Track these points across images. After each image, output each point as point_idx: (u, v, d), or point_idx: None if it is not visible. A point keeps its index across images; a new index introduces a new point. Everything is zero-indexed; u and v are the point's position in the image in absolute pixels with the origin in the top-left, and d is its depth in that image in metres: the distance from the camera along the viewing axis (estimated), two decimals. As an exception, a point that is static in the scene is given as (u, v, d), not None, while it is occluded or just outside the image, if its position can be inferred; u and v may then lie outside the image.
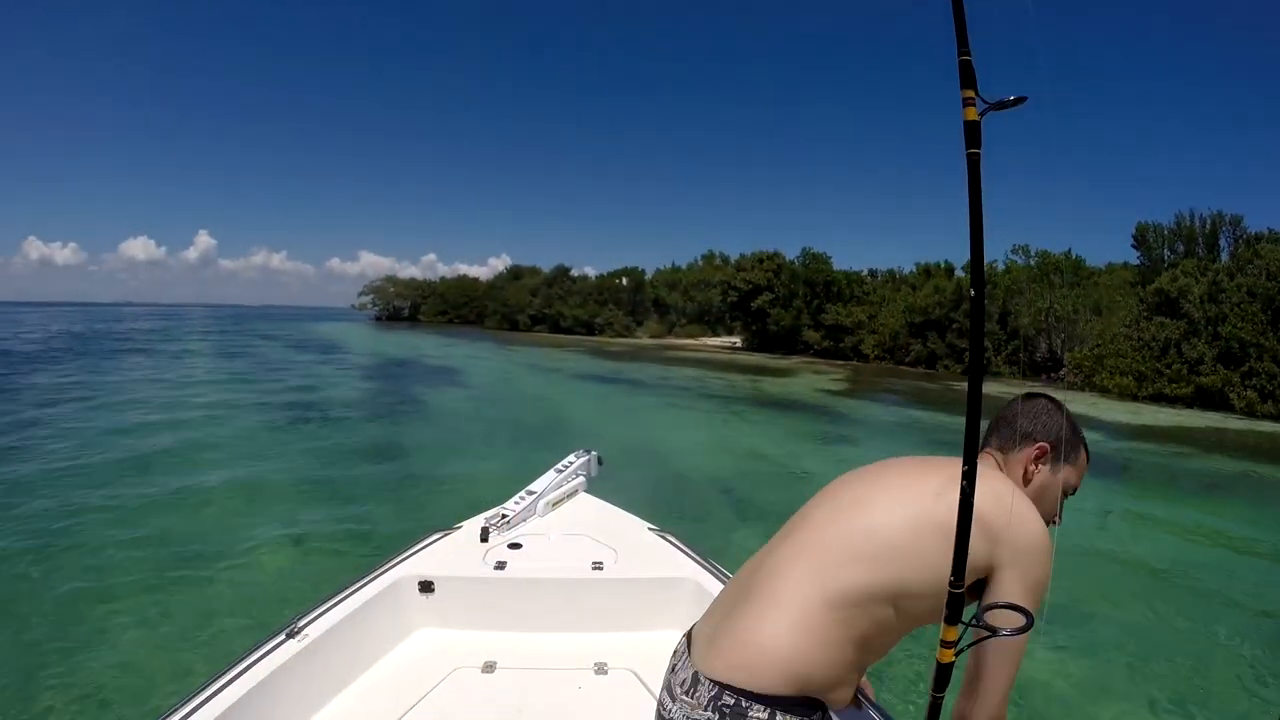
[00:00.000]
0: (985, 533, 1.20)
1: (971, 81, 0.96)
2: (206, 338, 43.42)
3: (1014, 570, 1.23)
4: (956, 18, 0.96)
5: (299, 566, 5.93)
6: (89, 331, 46.25)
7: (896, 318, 38.05)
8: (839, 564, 1.26)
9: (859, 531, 1.29)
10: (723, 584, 2.58)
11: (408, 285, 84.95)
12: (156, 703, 3.67)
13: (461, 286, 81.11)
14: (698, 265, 62.19)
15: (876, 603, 1.24)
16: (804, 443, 13.71)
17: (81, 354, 28.46)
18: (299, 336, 47.53)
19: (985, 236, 0.97)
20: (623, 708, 2.24)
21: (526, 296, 69.08)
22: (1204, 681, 4.61)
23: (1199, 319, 24.69)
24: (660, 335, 61.05)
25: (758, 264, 47.11)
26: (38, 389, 16.93)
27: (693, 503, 8.29)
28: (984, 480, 1.15)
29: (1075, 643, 4.93)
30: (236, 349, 34.44)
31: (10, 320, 65.00)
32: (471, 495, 7.46)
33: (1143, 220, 33.45)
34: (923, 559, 1.22)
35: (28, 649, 4.37)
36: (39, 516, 6.87)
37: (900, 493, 1.33)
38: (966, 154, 0.96)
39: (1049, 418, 1.40)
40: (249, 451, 10.53)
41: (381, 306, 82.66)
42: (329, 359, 30.16)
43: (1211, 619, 5.67)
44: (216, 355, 30.35)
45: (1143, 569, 6.89)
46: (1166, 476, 12.24)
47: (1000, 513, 1.22)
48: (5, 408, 13.60)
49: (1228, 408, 22.72)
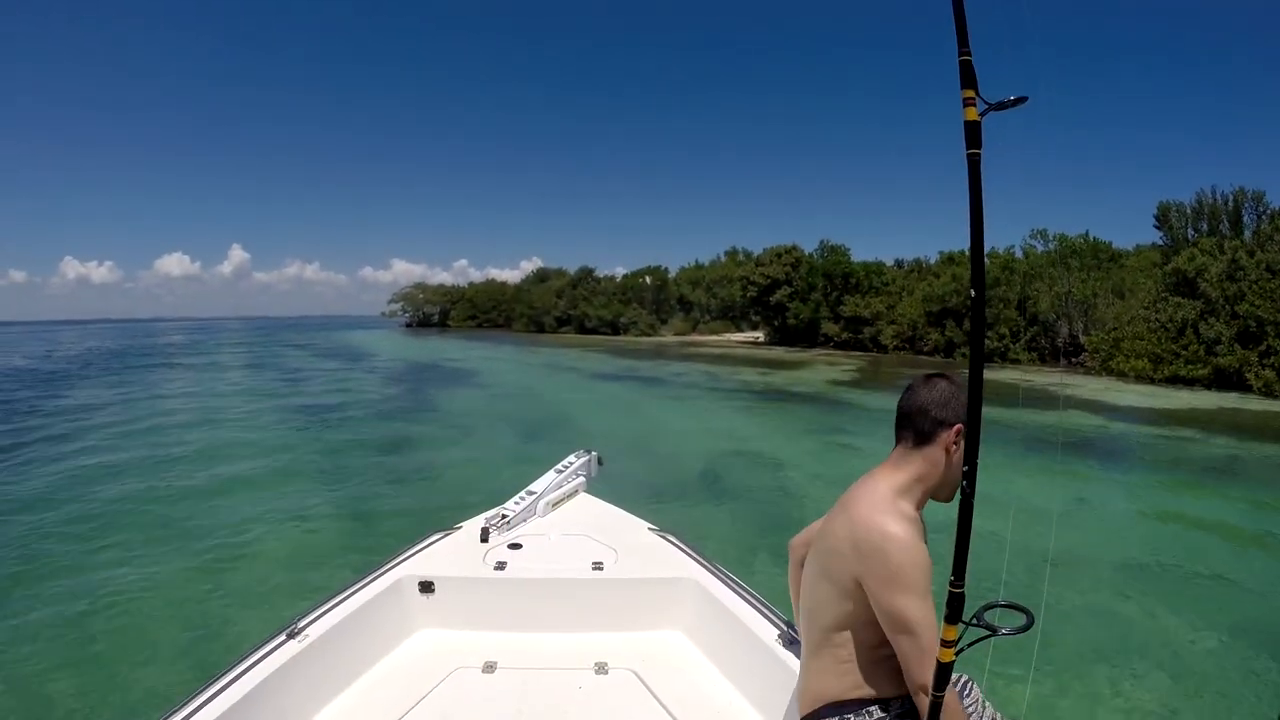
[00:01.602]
0: (849, 551, 1.51)
1: (972, 81, 0.95)
2: (236, 349, 45.00)
3: (869, 574, 1.45)
4: (957, 17, 0.95)
5: (305, 554, 6.40)
6: (126, 348, 48.43)
7: (915, 307, 37.83)
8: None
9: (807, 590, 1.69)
10: (724, 584, 2.69)
11: (436, 291, 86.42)
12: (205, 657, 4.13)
13: (489, 291, 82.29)
14: (721, 262, 62.36)
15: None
16: (794, 434, 14.07)
17: (115, 368, 29.92)
18: (326, 345, 49.12)
19: (988, 235, 0.99)
20: (623, 708, 2.24)
21: (552, 299, 69.85)
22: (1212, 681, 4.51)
23: (1216, 298, 24.15)
24: (684, 333, 61.26)
25: (776, 258, 47.15)
26: (75, 399, 18.05)
27: (672, 488, 8.66)
28: (863, 494, 1.55)
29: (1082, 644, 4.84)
30: (263, 358, 35.77)
31: (50, 337, 68.44)
32: (475, 490, 7.86)
33: (1164, 199, 32.70)
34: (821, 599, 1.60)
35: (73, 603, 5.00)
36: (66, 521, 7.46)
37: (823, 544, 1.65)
38: (967, 154, 0.95)
39: (956, 400, 1.53)
40: (267, 447, 11.35)
41: (411, 313, 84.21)
42: (352, 365, 31.20)
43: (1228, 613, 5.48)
44: (243, 364, 31.62)
45: (1136, 562, 6.66)
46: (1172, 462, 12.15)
47: (853, 534, 1.51)
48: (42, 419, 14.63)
49: (1245, 388, 22.22)
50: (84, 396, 19.13)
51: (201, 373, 27.78)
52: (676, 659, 2.56)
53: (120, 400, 18.20)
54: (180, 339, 63.61)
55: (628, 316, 63.98)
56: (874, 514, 1.48)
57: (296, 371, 27.92)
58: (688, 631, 2.70)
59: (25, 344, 54.14)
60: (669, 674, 2.44)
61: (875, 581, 1.43)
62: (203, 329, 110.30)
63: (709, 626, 2.60)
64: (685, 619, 2.70)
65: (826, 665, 1.58)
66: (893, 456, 1.59)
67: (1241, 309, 23.26)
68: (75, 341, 58.49)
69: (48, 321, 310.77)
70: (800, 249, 47.35)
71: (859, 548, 1.47)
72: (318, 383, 23.26)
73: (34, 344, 53.16)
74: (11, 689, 4.11)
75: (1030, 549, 5.46)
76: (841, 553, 1.51)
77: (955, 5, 0.94)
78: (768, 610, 2.44)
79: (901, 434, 1.59)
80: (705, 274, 62.71)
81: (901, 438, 1.59)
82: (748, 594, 2.57)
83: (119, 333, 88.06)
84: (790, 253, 46.98)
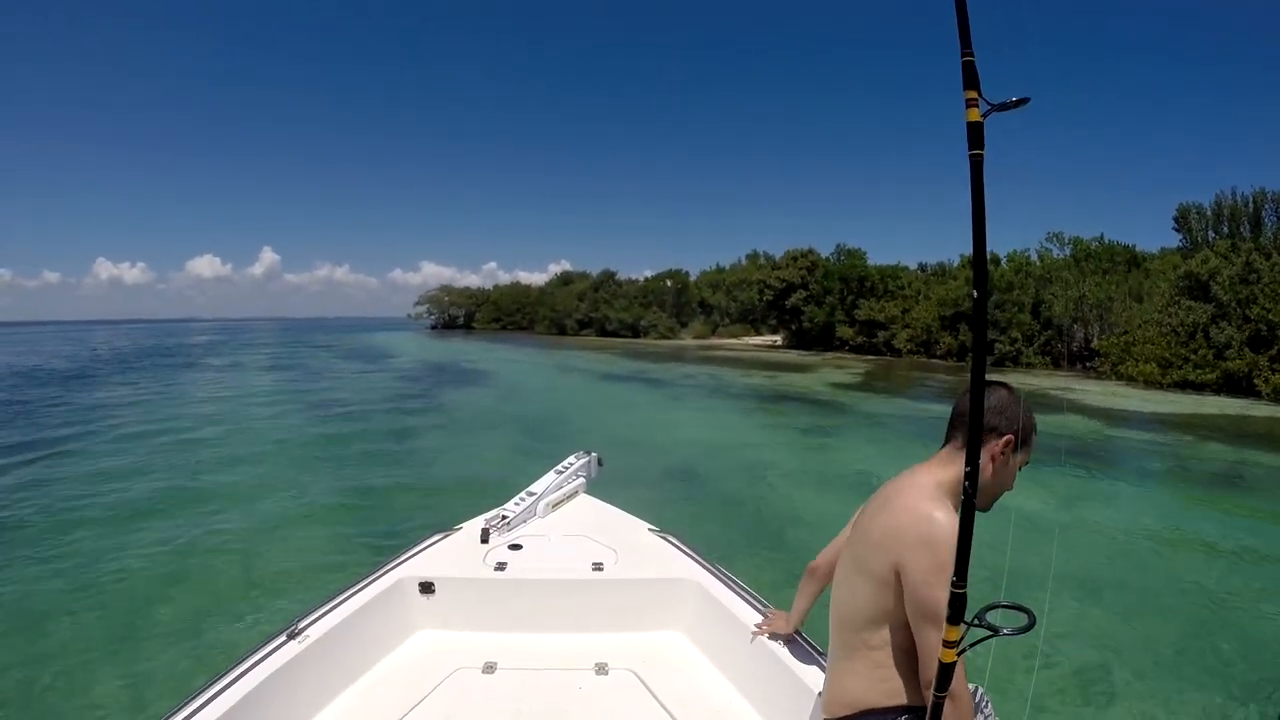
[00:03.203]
0: (889, 537, 1.48)
1: (974, 82, 0.94)
2: (259, 350, 46.11)
3: (913, 562, 1.41)
4: (960, 17, 0.94)
5: (294, 548, 6.59)
6: (156, 347, 50.04)
7: (930, 311, 37.70)
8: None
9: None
10: (724, 585, 2.67)
11: (461, 294, 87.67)
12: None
13: (514, 294, 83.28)
14: (742, 265, 62.59)
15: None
16: (780, 432, 14.44)
17: (146, 366, 31.17)
18: (349, 346, 50.23)
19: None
20: (623, 708, 2.24)
21: (574, 302, 70.52)
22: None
23: (1228, 301, 23.83)
24: (704, 336, 61.46)
25: (792, 262, 47.27)
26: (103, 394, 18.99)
27: (661, 481, 9.05)
28: (908, 486, 1.52)
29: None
30: (284, 359, 36.76)
31: (78, 337, 70.89)
32: (475, 489, 7.93)
33: (1184, 201, 32.25)
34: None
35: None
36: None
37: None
38: (969, 155, 0.94)
39: (1011, 410, 1.51)
40: (267, 443, 11.95)
41: (437, 315, 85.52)
42: (370, 366, 32.11)
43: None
44: (264, 365, 32.58)
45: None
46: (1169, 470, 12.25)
47: (900, 522, 1.48)
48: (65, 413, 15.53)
49: (1255, 393, 21.86)
50: (99, 397, 20.04)
51: (221, 373, 28.85)
52: (676, 659, 2.57)
53: (137, 401, 19.10)
54: (206, 339, 65.41)
55: (648, 320, 64.36)
56: (921, 502, 1.46)
57: (313, 371, 28.93)
58: (688, 632, 2.71)
59: (49, 344, 55.95)
60: (669, 674, 2.45)
61: (918, 570, 1.40)
62: (231, 330, 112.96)
63: (709, 627, 2.61)
64: (685, 619, 2.72)
65: (861, 668, 1.54)
66: (940, 455, 1.57)
67: (1253, 312, 22.94)
68: (104, 341, 60.57)
69: (81, 321, 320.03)
70: (816, 252, 47.44)
71: (903, 536, 1.45)
72: (328, 381, 24.13)
73: (61, 344, 55.00)
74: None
75: (1025, 556, 5.55)
76: (882, 544, 1.49)
77: (958, 6, 0.94)
78: (768, 611, 2.44)
79: (952, 434, 1.58)
80: (725, 277, 62.95)
81: (951, 438, 1.58)
82: (748, 595, 2.58)
83: (148, 333, 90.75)
84: (806, 256, 47.05)
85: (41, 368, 30.12)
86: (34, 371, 28.10)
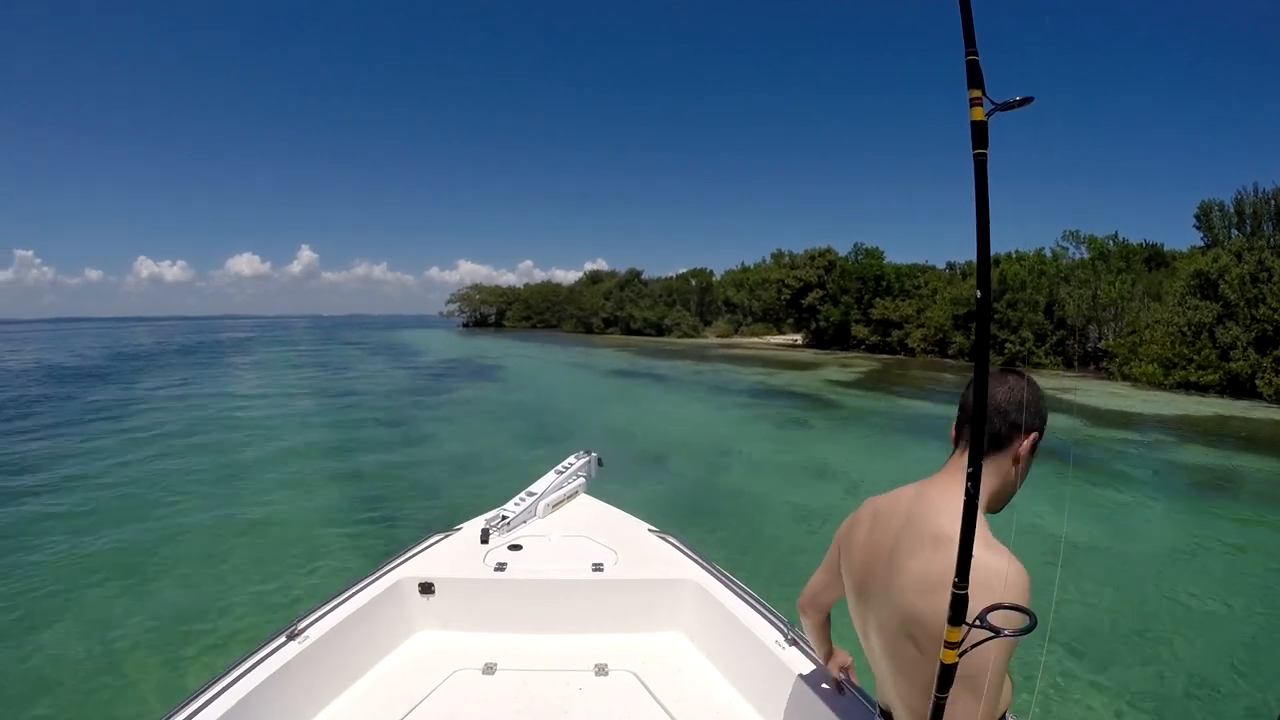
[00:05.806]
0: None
1: (979, 81, 0.94)
2: (292, 346, 47.66)
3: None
4: (964, 15, 0.94)
5: (289, 540, 6.87)
6: (196, 343, 52.33)
7: (944, 310, 37.58)
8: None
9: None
10: (724, 586, 2.65)
11: (493, 292, 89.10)
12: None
13: (543, 292, 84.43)
14: (765, 264, 62.65)
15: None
16: (767, 425, 15.01)
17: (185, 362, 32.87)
18: (379, 342, 51.91)
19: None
20: (623, 709, 2.22)
21: (600, 300, 71.36)
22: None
23: (1235, 301, 23.44)
24: (727, 335, 61.68)
25: (809, 261, 47.40)
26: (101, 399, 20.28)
27: (653, 478, 9.52)
28: (953, 518, 1.10)
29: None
30: (314, 356, 38.30)
31: (115, 335, 73.72)
32: (476, 489, 8.07)
33: (1206, 199, 31.56)
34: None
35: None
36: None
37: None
38: (974, 155, 0.93)
39: (1035, 403, 1.36)
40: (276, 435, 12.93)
41: (468, 313, 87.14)
42: (395, 363, 33.40)
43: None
44: (293, 362, 34.12)
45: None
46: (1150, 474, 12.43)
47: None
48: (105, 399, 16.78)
49: (1257, 395, 21.53)
50: (120, 395, 21.19)
51: (253, 371, 30.35)
52: (677, 660, 2.56)
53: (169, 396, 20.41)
54: (243, 335, 67.91)
55: (671, 318, 64.84)
56: (983, 553, 1.15)
57: (337, 368, 30.30)
58: (688, 633, 2.70)
59: (84, 340, 58.36)
60: (669, 675, 2.44)
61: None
62: (264, 326, 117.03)
63: (709, 628, 2.60)
64: (685, 620, 2.72)
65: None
66: (959, 463, 1.37)
67: (1260, 313, 22.59)
68: (145, 337, 63.48)
69: (122, 318, 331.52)
70: (834, 251, 47.47)
71: (976, 595, 1.18)
72: (352, 373, 25.39)
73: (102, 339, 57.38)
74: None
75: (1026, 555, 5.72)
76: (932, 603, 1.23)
77: (962, 5, 0.94)
78: (768, 612, 2.44)
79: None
80: (749, 276, 63.02)
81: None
82: (748, 595, 2.58)
83: (188, 329, 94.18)
84: (824, 255, 47.13)
85: (62, 365, 31.94)
86: (56, 369, 29.78)
